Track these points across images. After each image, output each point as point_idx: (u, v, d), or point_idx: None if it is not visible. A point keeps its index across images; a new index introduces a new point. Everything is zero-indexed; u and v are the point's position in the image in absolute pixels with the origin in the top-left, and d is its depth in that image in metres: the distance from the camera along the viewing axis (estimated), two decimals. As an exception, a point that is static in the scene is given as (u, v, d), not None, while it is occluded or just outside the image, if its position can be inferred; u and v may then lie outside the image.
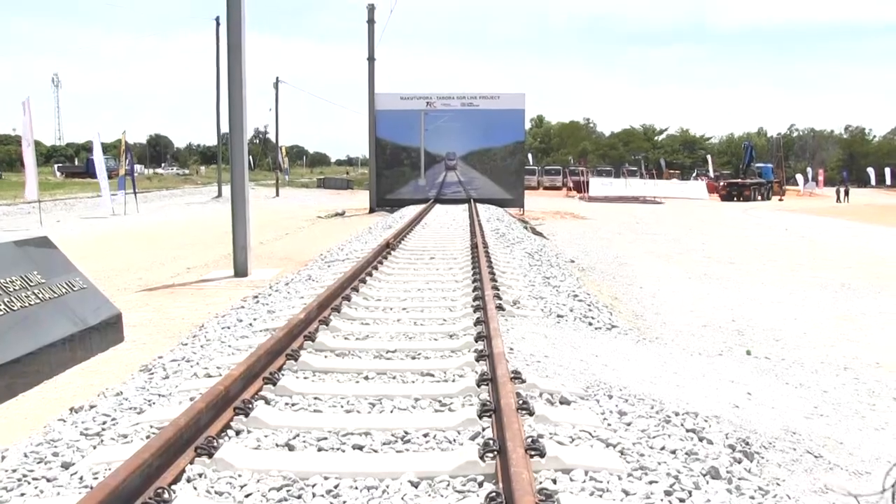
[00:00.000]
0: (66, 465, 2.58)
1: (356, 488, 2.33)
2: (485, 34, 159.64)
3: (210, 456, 2.51)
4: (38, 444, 2.84)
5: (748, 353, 5.66)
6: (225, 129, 33.98)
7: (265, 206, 24.97)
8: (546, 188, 47.52)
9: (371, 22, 21.88)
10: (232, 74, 8.45)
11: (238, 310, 5.75)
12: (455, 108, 21.49)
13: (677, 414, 3.08)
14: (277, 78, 35.56)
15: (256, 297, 6.32)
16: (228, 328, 4.99)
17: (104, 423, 3.03)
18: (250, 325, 4.97)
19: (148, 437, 2.74)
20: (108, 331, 4.89)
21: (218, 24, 29.63)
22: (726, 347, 5.88)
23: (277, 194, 34.78)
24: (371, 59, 21.98)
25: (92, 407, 3.35)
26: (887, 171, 55.27)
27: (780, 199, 35.94)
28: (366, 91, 21.85)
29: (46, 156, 63.70)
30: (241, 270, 8.49)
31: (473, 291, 5.56)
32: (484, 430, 2.76)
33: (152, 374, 3.90)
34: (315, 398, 3.18)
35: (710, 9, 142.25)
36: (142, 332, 5.36)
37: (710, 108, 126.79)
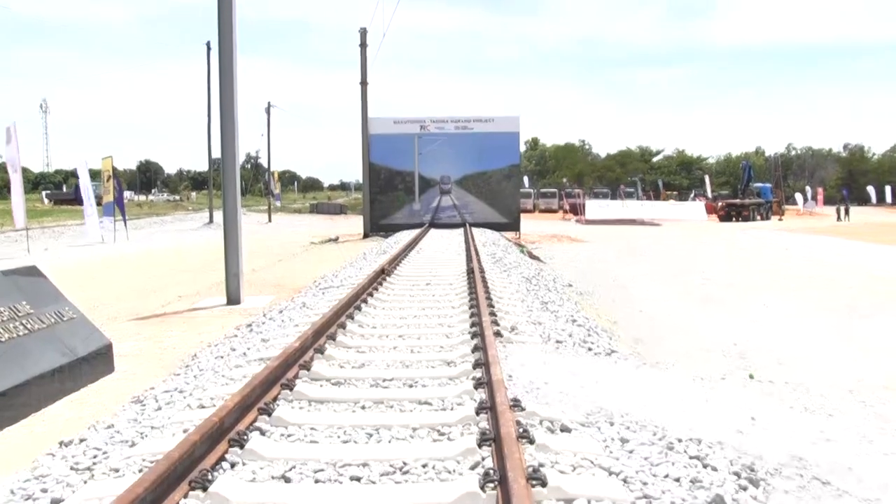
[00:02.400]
0: (55, 502, 2.56)
1: (354, 521, 2.32)
2: (478, 57, 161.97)
3: (204, 489, 2.50)
4: (25, 479, 2.82)
5: (751, 376, 5.67)
6: (216, 154, 34.02)
7: (257, 232, 25.00)
8: (542, 211, 47.77)
9: (363, 46, 22.23)
10: (223, 99, 8.56)
11: (231, 338, 5.75)
12: (449, 131, 21.74)
13: (680, 440, 3.09)
14: (269, 102, 36.21)
15: (250, 325, 6.31)
16: (222, 357, 4.98)
17: (95, 456, 3.01)
18: (244, 354, 4.96)
19: (141, 470, 2.72)
20: (98, 361, 4.87)
21: (209, 48, 30.09)
22: (729, 371, 5.90)
23: (270, 220, 34.88)
24: (364, 83, 22.30)
25: (82, 440, 3.33)
26: (888, 188, 55.83)
27: (780, 219, 36.21)
28: (359, 115, 22.13)
29: (34, 182, 63.79)
30: (233, 298, 8.49)
31: (470, 317, 5.57)
32: (484, 459, 2.76)
33: (144, 405, 3.88)
34: (311, 429, 3.18)
35: (701, 29, 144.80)
36: (133, 363, 5.34)
37: (706, 128, 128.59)
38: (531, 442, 2.82)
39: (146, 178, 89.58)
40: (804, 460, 3.32)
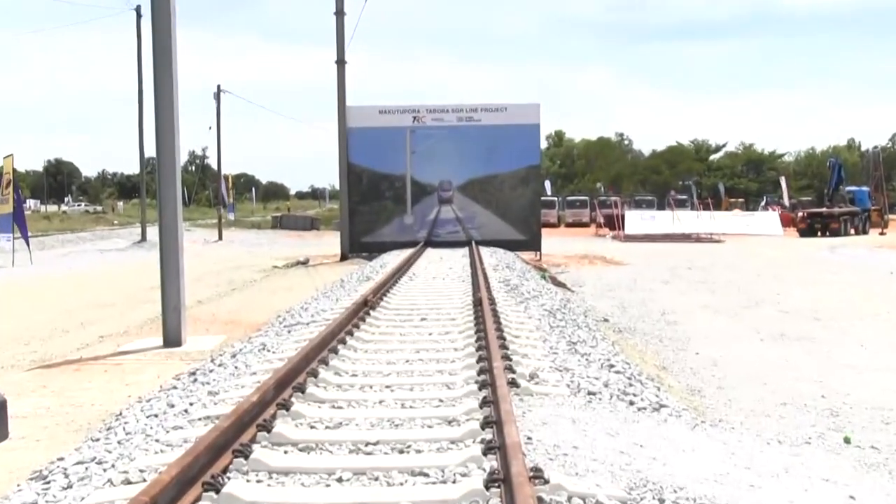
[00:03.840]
0: None
1: None
2: (485, 33, 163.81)
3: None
4: None
5: (847, 440, 5.64)
6: (150, 152, 34.63)
7: (204, 254, 25.06)
8: (569, 225, 48.05)
9: (340, 14, 22.54)
10: (159, 81, 8.67)
11: (169, 391, 5.74)
12: (450, 123, 21.92)
13: (752, 523, 3.08)
14: (219, 86, 36.28)
15: (194, 373, 6.31)
16: (156, 416, 4.97)
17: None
18: (185, 411, 4.96)
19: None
20: (-7, 423, 4.86)
21: (139, 15, 30.39)
22: (816, 433, 5.87)
23: (220, 237, 35.05)
24: (341, 62, 22.58)
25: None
26: None
27: (882, 233, 36.22)
28: (334, 103, 22.34)
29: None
30: (172, 338, 8.50)
31: (478, 363, 5.57)
32: (496, 548, 2.75)
33: (48, 482, 3.86)
34: (271, 509, 3.17)
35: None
36: (35, 426, 5.32)
37: (781, 116, 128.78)
38: (557, 525, 2.81)
39: (56, 182, 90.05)
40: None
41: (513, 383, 4.96)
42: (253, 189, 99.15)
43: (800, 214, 37.60)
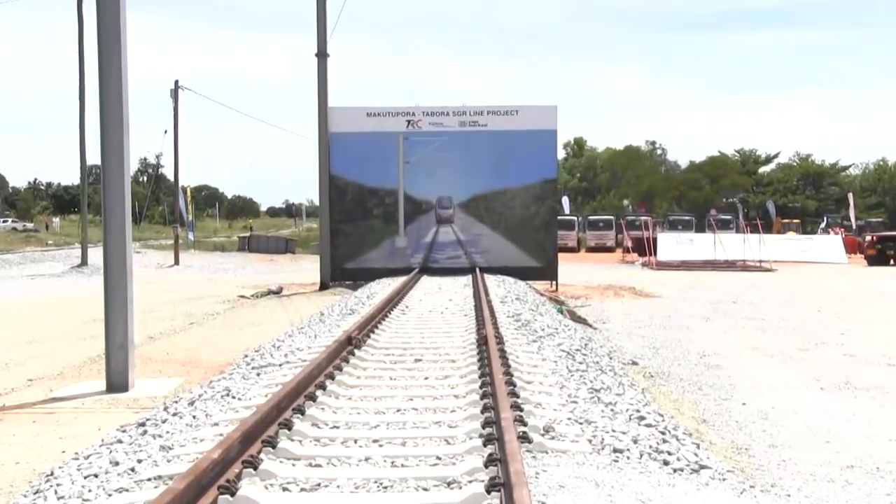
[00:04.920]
0: None
1: None
2: (492, 22, 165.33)
3: None
4: None
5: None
6: (93, 159, 34.72)
7: (158, 280, 25.04)
8: (591, 249, 48.15)
9: None
10: (106, 76, 8.70)
11: (112, 446, 5.71)
12: (451, 128, 22.07)
13: None
14: (177, 82, 36.48)
15: (143, 424, 6.28)
16: (96, 476, 4.94)
17: None
18: (132, 470, 4.93)
19: None
20: None
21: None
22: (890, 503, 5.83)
23: (177, 261, 35.05)
24: (322, 54, 22.76)
25: None
26: None
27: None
28: (314, 103, 22.46)
29: None
30: (118, 382, 8.47)
31: (483, 413, 5.56)
32: None
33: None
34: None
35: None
36: (-47, 486, 5.29)
37: (845, 121, 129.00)
38: None
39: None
40: None
41: (524, 438, 4.93)
42: (216, 204, 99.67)
43: (868, 238, 37.68)
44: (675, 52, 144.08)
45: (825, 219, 56.76)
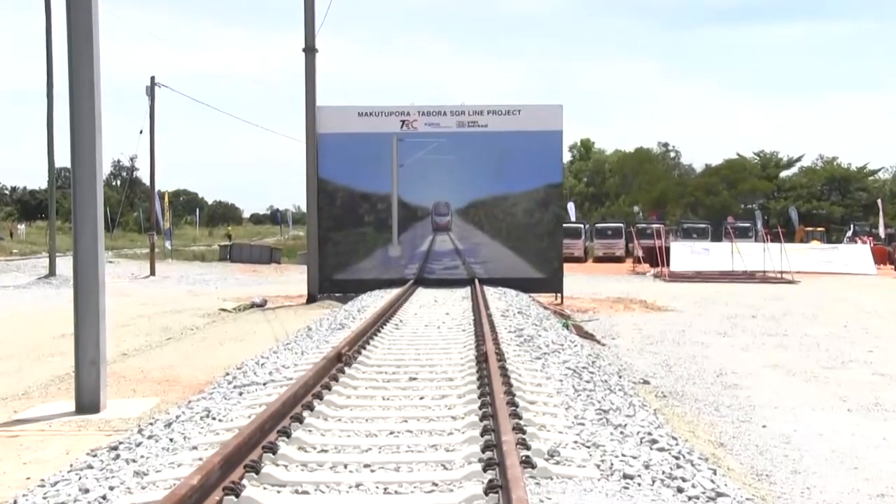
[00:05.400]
0: None
1: None
2: (492, 14, 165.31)
3: None
4: None
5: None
6: (62, 161, 34.64)
7: (132, 292, 25.01)
8: (599, 259, 48.19)
9: (310, -10, 22.75)
10: (77, 73, 8.70)
11: (82, 472, 5.70)
12: (449, 129, 22.12)
13: None
14: (153, 79, 36.45)
15: (115, 447, 6.27)
16: (65, 504, 4.94)
17: None
18: (104, 498, 4.92)
19: None
20: None
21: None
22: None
23: (153, 272, 34.98)
24: (310, 49, 22.81)
25: None
26: None
27: None
28: (301, 102, 22.51)
29: None
30: (89, 402, 8.46)
31: (482, 435, 5.56)
32: None
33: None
34: None
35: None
36: None
37: (873, 121, 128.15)
38: None
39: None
40: None
41: (527, 462, 4.93)
42: (196, 210, 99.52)
43: (899, 247, 37.75)
44: (689, 47, 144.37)
45: (852, 227, 56.75)
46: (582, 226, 51.34)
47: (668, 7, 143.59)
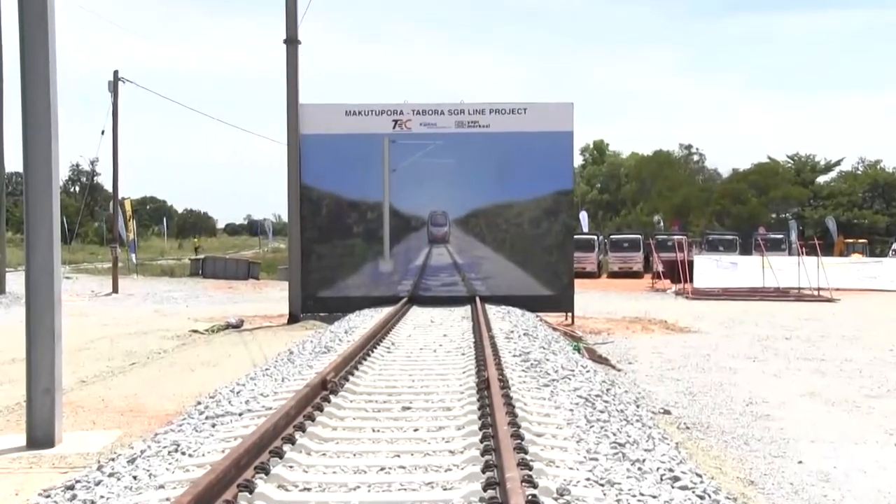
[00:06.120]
0: None
1: None
2: (492, 8, 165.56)
3: None
4: None
5: None
6: (13, 165, 34.37)
7: (93, 312, 24.94)
8: (614, 274, 48.22)
9: (291, -26, 22.79)
10: (29, 65, 8.66)
11: (36, 513, 5.69)
12: (447, 129, 22.12)
13: None
14: (116, 73, 36.47)
15: (72, 487, 6.26)
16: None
17: None
18: (60, 541, 4.91)
19: None
20: None
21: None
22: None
23: (116, 289, 34.93)
24: (292, 40, 22.82)
25: None
26: None
27: None
28: (282, 99, 22.51)
29: None
30: (42, 435, 8.42)
31: (484, 472, 5.56)
32: None
33: None
34: None
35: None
36: None
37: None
38: None
39: None
40: None
41: (534, 502, 4.92)
42: (164, 220, 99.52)
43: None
44: (713, 38, 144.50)
45: (898, 239, 56.93)
46: (595, 237, 51.37)
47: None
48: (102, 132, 36.71)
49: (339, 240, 22.18)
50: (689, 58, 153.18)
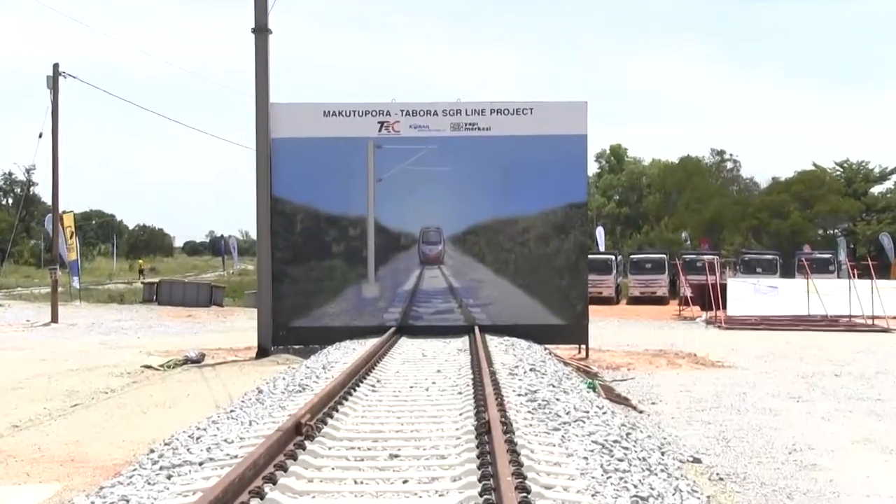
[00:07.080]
0: None
1: None
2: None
3: None
4: None
5: None
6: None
7: (28, 345, 24.92)
8: (635, 300, 48.22)
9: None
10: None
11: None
12: (441, 133, 22.12)
13: None
14: (56, 67, 36.47)
15: (3, 550, 6.25)
16: None
17: None
18: None
19: None
20: None
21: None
22: None
23: (55, 318, 34.89)
24: (262, 29, 22.87)
25: None
26: None
27: None
28: (250, 98, 22.55)
29: None
30: (-30, 489, 8.41)
31: (485, 531, 5.55)
32: None
33: None
34: None
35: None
36: None
37: None
38: None
39: None
40: None
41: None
42: (113, 237, 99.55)
43: None
44: (748, 27, 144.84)
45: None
46: (613, 257, 51.42)
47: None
48: (40, 135, 36.66)
49: (315, 261, 22.13)
50: (720, 49, 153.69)
